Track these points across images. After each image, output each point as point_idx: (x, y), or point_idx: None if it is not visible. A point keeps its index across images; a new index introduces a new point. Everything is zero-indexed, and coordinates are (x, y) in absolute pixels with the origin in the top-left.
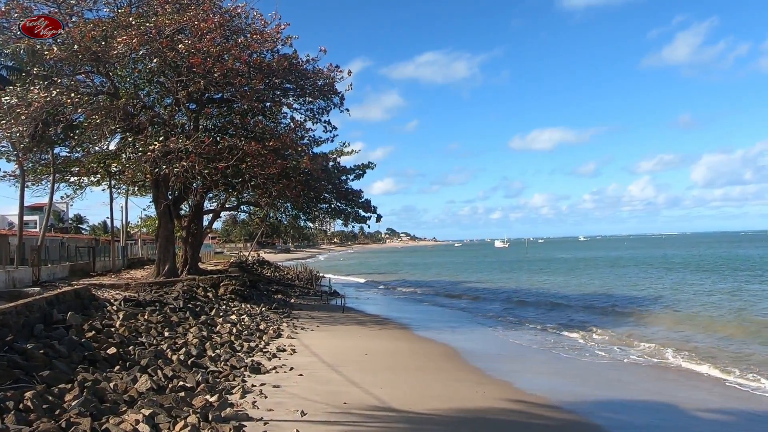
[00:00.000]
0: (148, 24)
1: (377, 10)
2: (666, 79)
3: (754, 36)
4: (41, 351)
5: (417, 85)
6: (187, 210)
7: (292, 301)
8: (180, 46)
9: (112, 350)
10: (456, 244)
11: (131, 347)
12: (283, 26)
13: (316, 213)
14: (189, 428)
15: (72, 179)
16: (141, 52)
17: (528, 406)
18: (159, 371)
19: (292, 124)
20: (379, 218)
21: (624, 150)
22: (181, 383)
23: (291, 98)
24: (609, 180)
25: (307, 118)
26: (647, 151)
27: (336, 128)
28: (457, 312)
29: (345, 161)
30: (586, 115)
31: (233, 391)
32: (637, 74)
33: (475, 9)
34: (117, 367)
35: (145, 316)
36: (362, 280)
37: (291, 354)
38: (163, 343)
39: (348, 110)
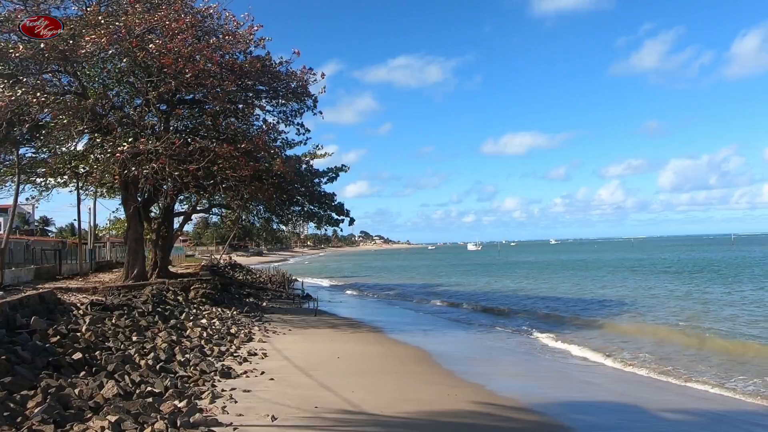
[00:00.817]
0: (117, 23)
1: (351, 13)
2: (634, 86)
3: (717, 45)
4: (3, 357)
5: (390, 88)
6: (157, 212)
7: (264, 304)
8: (150, 46)
9: (77, 355)
10: (430, 247)
11: (98, 352)
12: (256, 28)
13: (289, 216)
14: None
15: (38, 180)
16: (110, 51)
17: (499, 409)
18: (126, 377)
19: (264, 126)
20: (352, 221)
21: (594, 155)
22: (149, 389)
23: (264, 100)
24: (579, 184)
25: (280, 121)
26: (616, 156)
27: (309, 131)
28: (430, 315)
29: (318, 164)
30: (557, 120)
31: (203, 396)
32: (606, 80)
33: (448, 14)
34: (83, 373)
35: (113, 321)
36: (335, 284)
37: (262, 358)
38: (131, 347)
39: (321, 113)
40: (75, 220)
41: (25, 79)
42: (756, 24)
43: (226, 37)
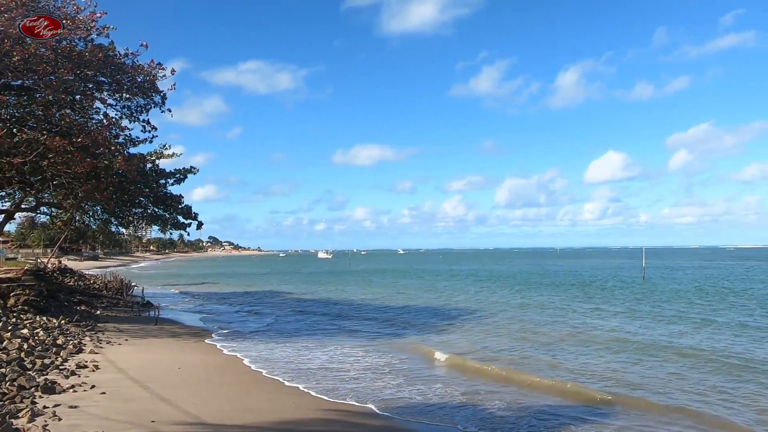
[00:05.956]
0: None
1: (198, 13)
2: (473, 108)
3: (544, 77)
4: None
5: (240, 92)
6: None
7: (99, 312)
8: None
9: None
10: (281, 254)
11: None
12: (99, 14)
13: (130, 218)
14: None
15: None
16: None
17: (344, 415)
18: None
19: (105, 120)
20: (200, 225)
21: (438, 170)
22: None
23: (105, 93)
24: (425, 197)
25: (124, 116)
26: (458, 172)
27: (156, 128)
28: (278, 323)
29: (165, 164)
30: (404, 135)
31: (19, 414)
32: (448, 101)
33: (299, 24)
34: None
35: None
36: (180, 291)
37: (93, 371)
38: None
39: (170, 110)
40: None
41: None
42: (576, 61)
43: (65, 21)
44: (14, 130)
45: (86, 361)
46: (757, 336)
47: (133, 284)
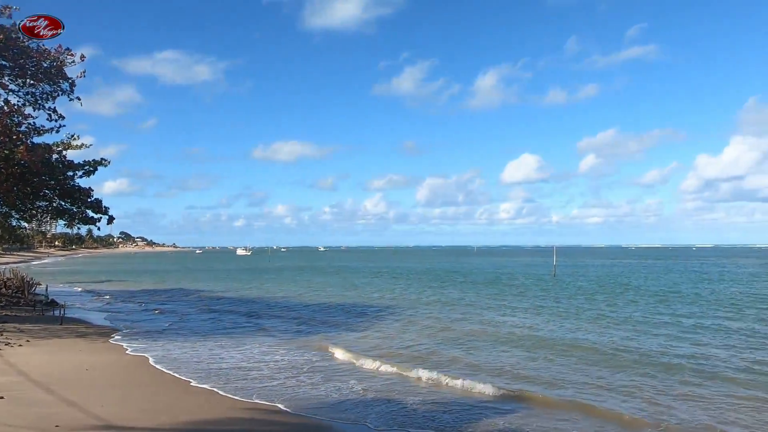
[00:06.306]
0: None
1: None
2: (395, 107)
3: (464, 79)
4: None
5: (156, 82)
6: None
7: None
8: None
9: None
10: (197, 251)
11: None
12: None
13: (34, 212)
14: None
15: None
16: None
17: (260, 413)
18: None
19: (6, 107)
20: (111, 220)
21: (359, 168)
22: None
23: (7, 78)
24: (346, 195)
25: (28, 103)
26: (380, 171)
27: (63, 117)
28: (189, 322)
29: (73, 156)
30: (326, 132)
31: None
32: (371, 99)
33: (219, 14)
34: None
35: None
36: (85, 289)
37: None
38: None
39: (79, 99)
40: None
41: None
42: (494, 65)
43: None
44: None
45: None
46: (645, 330)
47: (36, 282)
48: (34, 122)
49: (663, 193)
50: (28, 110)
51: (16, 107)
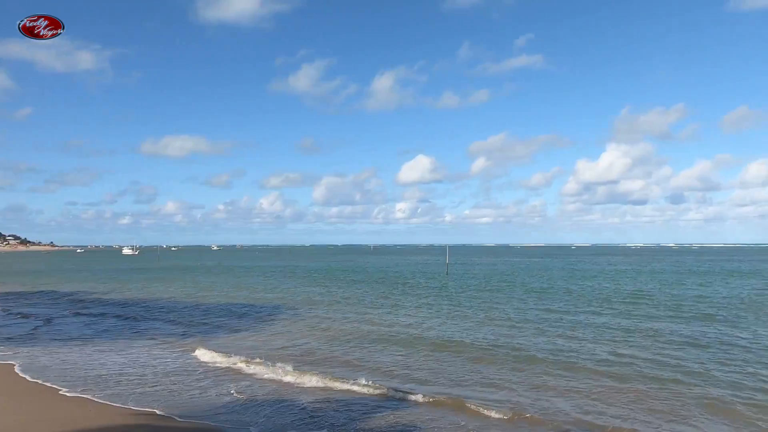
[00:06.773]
0: None
1: None
2: (292, 104)
3: (361, 80)
4: None
5: (31, 68)
6: None
7: None
8: None
9: None
10: (78, 250)
11: None
12: None
13: None
14: None
15: None
16: None
17: (147, 419)
18: None
19: None
20: None
21: (255, 165)
22: None
23: None
24: (242, 192)
25: None
26: (276, 168)
27: None
28: (63, 326)
29: None
30: (220, 127)
31: None
32: (267, 95)
33: (106, 0)
34: None
35: None
36: None
37: None
38: None
39: None
40: None
41: None
42: (391, 67)
43: None
44: None
45: None
46: (521, 325)
47: None
48: None
49: (547, 195)
50: None
51: None
